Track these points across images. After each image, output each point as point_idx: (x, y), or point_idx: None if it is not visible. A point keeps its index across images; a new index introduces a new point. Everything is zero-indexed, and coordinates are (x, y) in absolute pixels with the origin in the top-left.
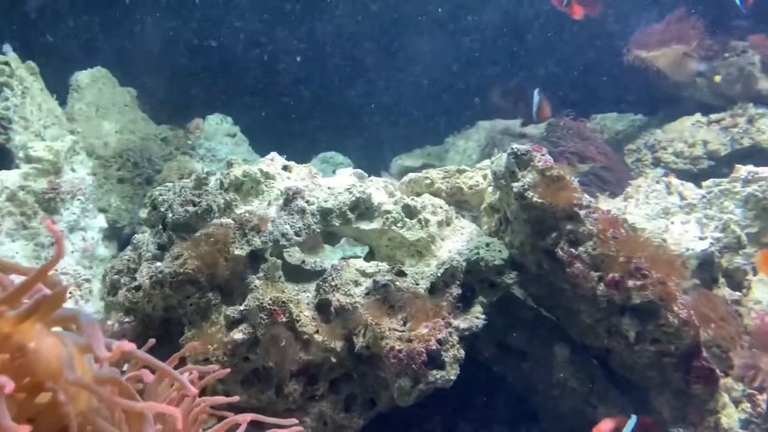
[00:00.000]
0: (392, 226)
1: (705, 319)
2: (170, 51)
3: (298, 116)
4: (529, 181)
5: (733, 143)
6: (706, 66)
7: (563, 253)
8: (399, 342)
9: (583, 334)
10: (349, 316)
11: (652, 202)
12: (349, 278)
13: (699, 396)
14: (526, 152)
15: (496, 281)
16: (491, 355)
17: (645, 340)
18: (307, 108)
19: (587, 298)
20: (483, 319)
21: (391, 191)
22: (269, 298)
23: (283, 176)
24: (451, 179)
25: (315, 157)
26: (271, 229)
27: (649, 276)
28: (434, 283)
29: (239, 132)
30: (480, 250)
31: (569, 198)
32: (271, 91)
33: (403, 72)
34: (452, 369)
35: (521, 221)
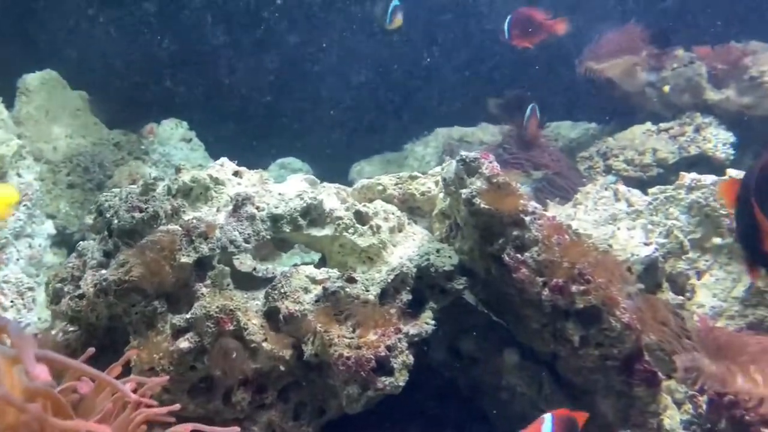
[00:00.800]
0: (344, 232)
1: (647, 323)
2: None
3: (257, 121)
4: (477, 188)
5: (681, 151)
6: (655, 76)
7: (509, 258)
8: (348, 349)
9: (531, 339)
10: (298, 324)
11: (600, 209)
12: (298, 285)
13: (641, 398)
14: (474, 159)
15: (446, 287)
16: (442, 361)
17: (589, 344)
18: (266, 113)
19: (533, 303)
20: (433, 325)
21: (344, 197)
22: (216, 306)
23: (234, 182)
24: (404, 185)
25: (273, 162)
26: (219, 236)
27: (592, 281)
28: (385, 289)
29: (195, 137)
30: (430, 256)
31: (515, 204)
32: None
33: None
34: (401, 375)
35: (470, 227)
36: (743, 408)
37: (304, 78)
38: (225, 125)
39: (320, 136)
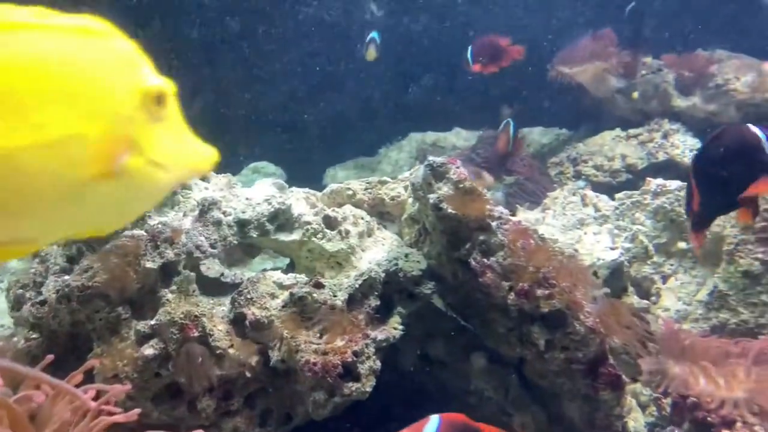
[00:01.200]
0: (312, 237)
1: (611, 326)
2: None
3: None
4: (444, 193)
5: (650, 157)
6: (624, 83)
7: (476, 263)
8: (314, 355)
9: (498, 343)
10: (264, 330)
11: (568, 213)
12: (265, 291)
13: (606, 401)
14: (442, 164)
15: (414, 292)
16: (412, 365)
17: (554, 348)
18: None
19: (499, 307)
20: (401, 330)
21: (313, 202)
22: (181, 312)
23: (201, 186)
24: (373, 190)
25: (246, 166)
26: (185, 241)
27: (557, 285)
28: (352, 294)
29: None
30: (399, 260)
31: (481, 209)
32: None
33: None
34: (368, 381)
35: (438, 232)
36: (705, 410)
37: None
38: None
39: (294, 140)
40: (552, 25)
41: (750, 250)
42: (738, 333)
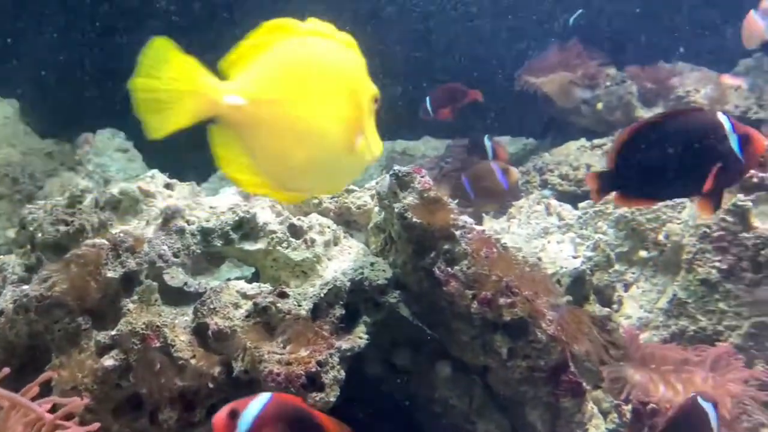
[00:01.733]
0: (277, 246)
1: (572, 334)
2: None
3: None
4: (409, 202)
5: None
6: (589, 94)
7: (440, 272)
8: (278, 365)
9: (462, 352)
10: (227, 340)
11: (533, 222)
12: (228, 301)
13: (567, 409)
14: (407, 174)
15: (380, 301)
16: (378, 375)
17: (517, 356)
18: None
19: (463, 315)
20: (366, 339)
21: (279, 211)
22: (142, 322)
23: (164, 194)
24: (340, 198)
25: (214, 173)
26: (148, 251)
27: (519, 294)
28: (317, 303)
29: (132, 147)
30: (364, 269)
31: (446, 218)
32: None
33: None
34: (332, 390)
35: (403, 241)
36: (664, 416)
37: None
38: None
39: None
40: (522, 35)
41: (708, 259)
42: (697, 340)
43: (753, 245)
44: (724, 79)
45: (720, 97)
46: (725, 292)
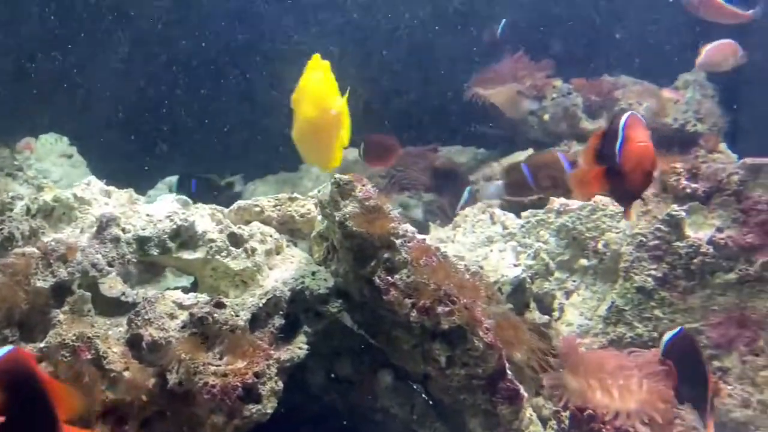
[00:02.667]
0: (216, 255)
1: (510, 342)
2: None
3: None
4: (350, 211)
5: None
6: (537, 105)
7: (380, 281)
8: (213, 377)
9: (403, 360)
10: (162, 352)
11: (477, 231)
12: (163, 311)
13: (505, 416)
14: (348, 182)
15: (321, 310)
16: (321, 385)
17: (455, 364)
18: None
19: (403, 324)
20: (306, 350)
21: (219, 219)
22: (73, 334)
23: (101, 202)
24: (283, 207)
25: (161, 180)
26: (81, 259)
27: (457, 302)
28: (256, 314)
29: (76, 153)
30: (305, 279)
31: (386, 227)
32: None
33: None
34: (269, 402)
35: (345, 250)
36: (600, 421)
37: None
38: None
39: (214, 154)
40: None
41: (644, 267)
42: (634, 346)
43: (686, 254)
44: (664, 92)
45: (660, 110)
46: (660, 300)
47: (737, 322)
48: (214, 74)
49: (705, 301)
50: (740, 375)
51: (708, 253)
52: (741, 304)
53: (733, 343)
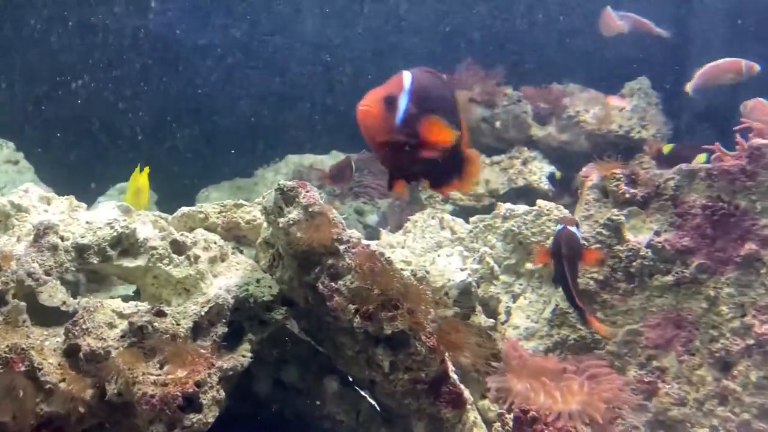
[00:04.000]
0: (158, 263)
1: (454, 346)
2: None
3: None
4: (294, 217)
5: (510, 182)
6: (488, 112)
7: (324, 287)
8: (153, 387)
9: (349, 366)
10: (100, 362)
11: (427, 236)
12: (102, 320)
13: (448, 419)
14: (292, 188)
15: (265, 318)
16: (268, 392)
17: (398, 369)
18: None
19: (347, 330)
20: (250, 358)
21: (162, 226)
22: (6, 345)
23: (40, 209)
24: (228, 213)
25: (112, 187)
26: (15, 268)
27: (400, 307)
28: (198, 322)
29: (23, 159)
30: (249, 286)
31: (330, 233)
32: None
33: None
34: (210, 411)
35: (289, 256)
36: (543, 423)
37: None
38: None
39: (167, 159)
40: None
41: (586, 270)
42: (577, 348)
43: (626, 257)
44: (610, 100)
45: (606, 118)
46: (602, 302)
47: (674, 323)
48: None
49: (644, 303)
50: (677, 374)
51: (646, 257)
52: (678, 305)
53: (671, 344)
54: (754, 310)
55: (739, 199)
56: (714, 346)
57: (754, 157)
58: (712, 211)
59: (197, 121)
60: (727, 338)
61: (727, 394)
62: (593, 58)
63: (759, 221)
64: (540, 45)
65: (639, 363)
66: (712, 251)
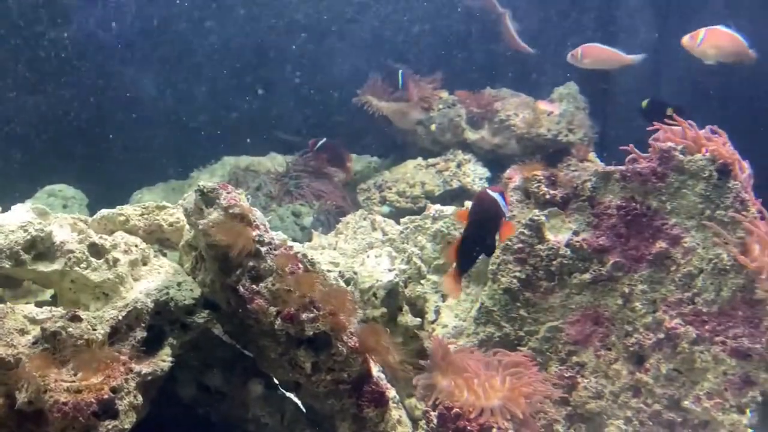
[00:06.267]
0: (75, 266)
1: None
2: None
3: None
4: (213, 219)
5: (445, 184)
6: (424, 115)
7: (244, 289)
8: (66, 394)
9: (273, 369)
10: (11, 370)
11: (359, 237)
12: (13, 327)
13: (372, 419)
14: (213, 190)
15: (186, 321)
16: (192, 397)
17: (321, 370)
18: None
19: (269, 333)
20: (170, 362)
21: (81, 229)
22: None
23: None
24: (150, 216)
25: (41, 188)
26: None
27: (322, 309)
28: (115, 326)
29: None
30: (170, 290)
31: (251, 235)
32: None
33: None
34: (127, 417)
35: (210, 259)
36: (466, 419)
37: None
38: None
39: (101, 161)
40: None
41: (510, 270)
42: (501, 345)
43: (546, 256)
44: (539, 104)
45: (534, 121)
46: (525, 300)
47: (592, 320)
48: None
49: (564, 300)
50: (594, 369)
51: (566, 255)
52: (595, 302)
53: (589, 339)
54: (664, 306)
55: (651, 199)
56: (628, 340)
57: (664, 160)
58: (626, 212)
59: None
60: (640, 333)
61: (640, 386)
62: (524, 62)
63: (669, 221)
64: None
65: (560, 358)
66: (627, 250)
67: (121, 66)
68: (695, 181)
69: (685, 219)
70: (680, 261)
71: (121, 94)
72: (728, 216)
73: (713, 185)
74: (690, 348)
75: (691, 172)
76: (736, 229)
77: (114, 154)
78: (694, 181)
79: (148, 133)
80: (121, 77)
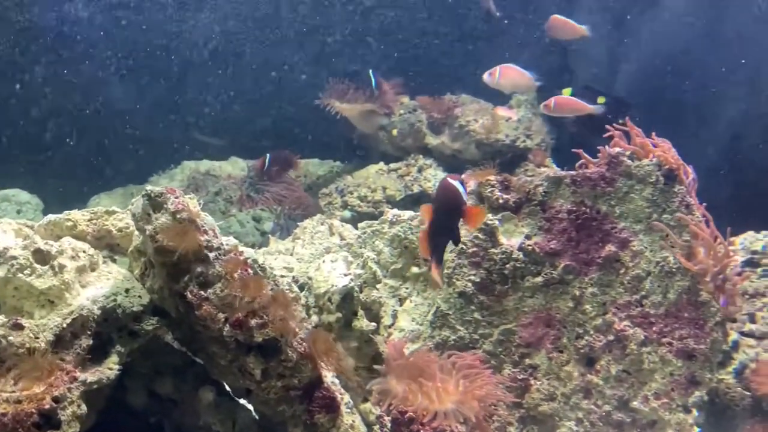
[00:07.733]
0: (18, 273)
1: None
2: None
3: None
4: (161, 224)
5: (406, 189)
6: (386, 120)
7: (192, 296)
8: (5, 404)
9: (223, 376)
10: None
11: (316, 242)
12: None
13: (323, 424)
14: (160, 194)
15: (134, 329)
16: (143, 405)
17: (271, 377)
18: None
19: (218, 339)
20: (117, 370)
21: (26, 234)
22: None
23: None
24: (99, 221)
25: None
26: None
27: (271, 315)
28: (60, 334)
29: None
30: (118, 296)
31: (199, 240)
32: None
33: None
34: (70, 427)
35: (158, 264)
36: (420, 423)
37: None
38: None
39: (57, 166)
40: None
41: (464, 273)
42: (456, 348)
43: (500, 259)
44: (498, 111)
45: (493, 127)
46: (479, 303)
47: (544, 322)
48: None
49: (517, 303)
50: (547, 371)
51: (519, 259)
52: (547, 305)
53: (541, 342)
54: (614, 308)
55: (600, 203)
56: (579, 342)
57: (612, 165)
58: (576, 216)
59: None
60: (591, 335)
61: (591, 387)
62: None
63: (618, 224)
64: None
65: (513, 361)
66: (577, 253)
67: (81, 69)
68: (643, 186)
69: (633, 223)
70: (629, 264)
71: (81, 99)
72: (674, 219)
73: (660, 190)
74: (638, 349)
75: (639, 177)
76: (681, 233)
77: (74, 160)
78: (642, 185)
79: (109, 138)
80: (83, 81)
